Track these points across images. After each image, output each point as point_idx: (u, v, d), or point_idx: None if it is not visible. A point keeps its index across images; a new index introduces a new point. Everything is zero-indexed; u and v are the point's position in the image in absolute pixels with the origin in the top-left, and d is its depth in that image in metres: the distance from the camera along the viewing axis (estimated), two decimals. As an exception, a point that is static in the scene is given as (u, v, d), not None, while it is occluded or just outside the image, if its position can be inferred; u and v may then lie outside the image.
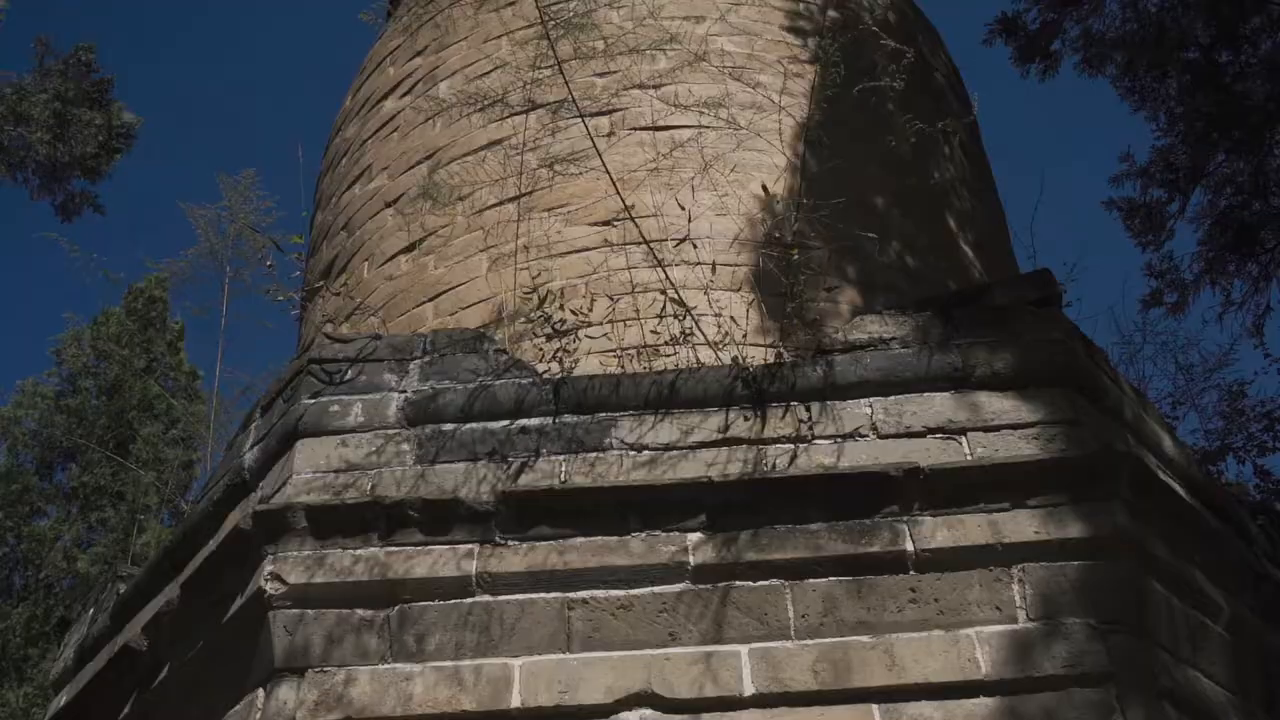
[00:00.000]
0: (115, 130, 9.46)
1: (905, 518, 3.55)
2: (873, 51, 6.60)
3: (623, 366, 4.49)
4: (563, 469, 3.74)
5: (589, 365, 4.60)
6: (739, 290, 5.01)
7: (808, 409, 3.84)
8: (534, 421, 3.88)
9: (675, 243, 5.06)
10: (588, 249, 5.38)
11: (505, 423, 3.88)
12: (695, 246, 5.00)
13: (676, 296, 4.36)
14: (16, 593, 16.39)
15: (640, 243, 4.94)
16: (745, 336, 4.66)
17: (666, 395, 3.89)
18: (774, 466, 3.66)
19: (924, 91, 6.53)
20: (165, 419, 18.35)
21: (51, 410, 18.01)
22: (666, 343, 4.37)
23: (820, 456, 3.71)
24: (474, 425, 3.87)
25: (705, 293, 4.81)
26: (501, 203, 5.71)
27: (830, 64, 5.09)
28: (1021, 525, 3.53)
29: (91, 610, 4.98)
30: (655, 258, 4.72)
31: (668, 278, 4.59)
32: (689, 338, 4.34)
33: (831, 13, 6.57)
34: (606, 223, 5.42)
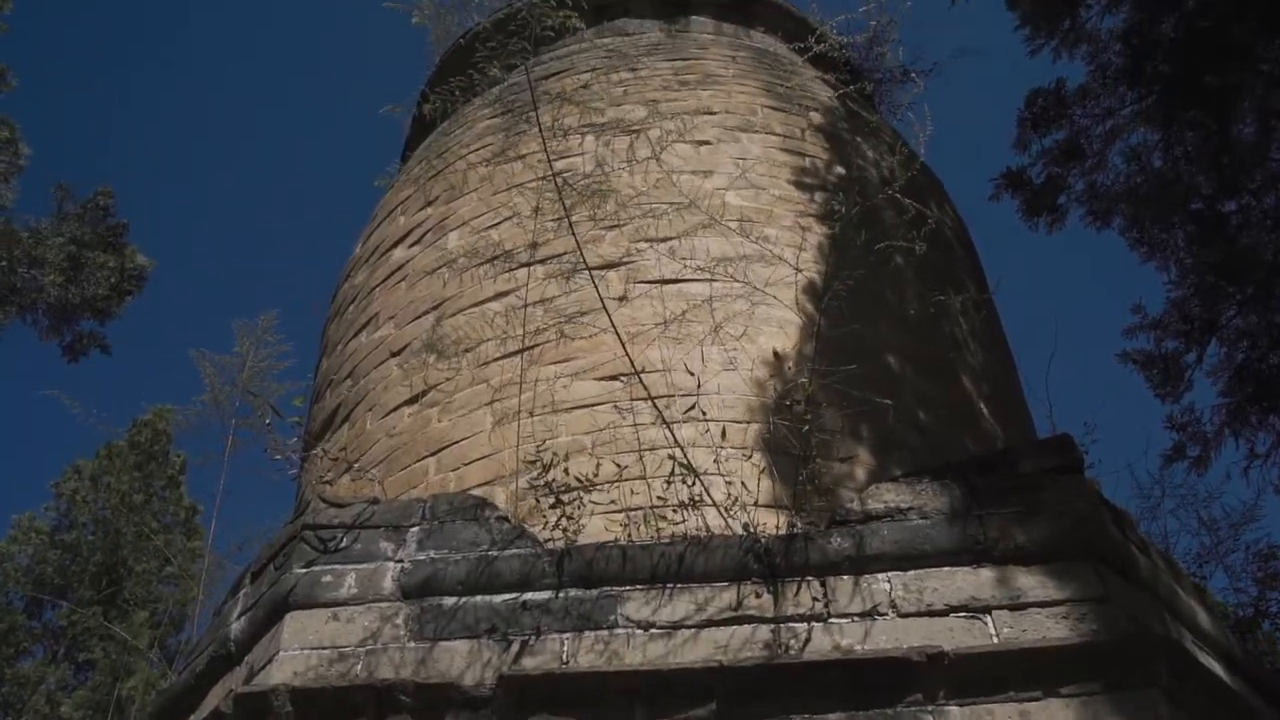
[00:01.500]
0: (128, 273, 9.54)
1: (930, 707, 3.32)
2: (879, 205, 6.67)
3: (629, 531, 4.32)
4: (566, 649, 3.53)
5: (594, 527, 4.43)
6: (749, 451, 4.88)
7: (823, 584, 3.65)
8: (537, 596, 3.69)
9: (684, 401, 4.96)
10: (594, 405, 5.27)
11: (507, 597, 3.69)
12: (704, 405, 4.90)
13: (685, 461, 4.22)
14: (-4, 739, 15.77)
15: (648, 399, 4.84)
16: (756, 501, 4.50)
17: (675, 568, 3.71)
18: (788, 649, 3.45)
19: (932, 245, 6.53)
20: (161, 555, 18.03)
21: (45, 546, 17.71)
22: (675, 507, 4.21)
23: (837, 637, 3.51)
24: (473, 599, 3.68)
25: (714, 453, 4.68)
26: (507, 356, 5.64)
27: (840, 222, 5.10)
28: (1055, 717, 3.29)
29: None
30: (663, 418, 4.60)
31: (676, 440, 4.47)
32: (698, 504, 4.18)
33: (838, 168, 6.65)
34: (614, 378, 5.33)
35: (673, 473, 4.25)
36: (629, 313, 5.50)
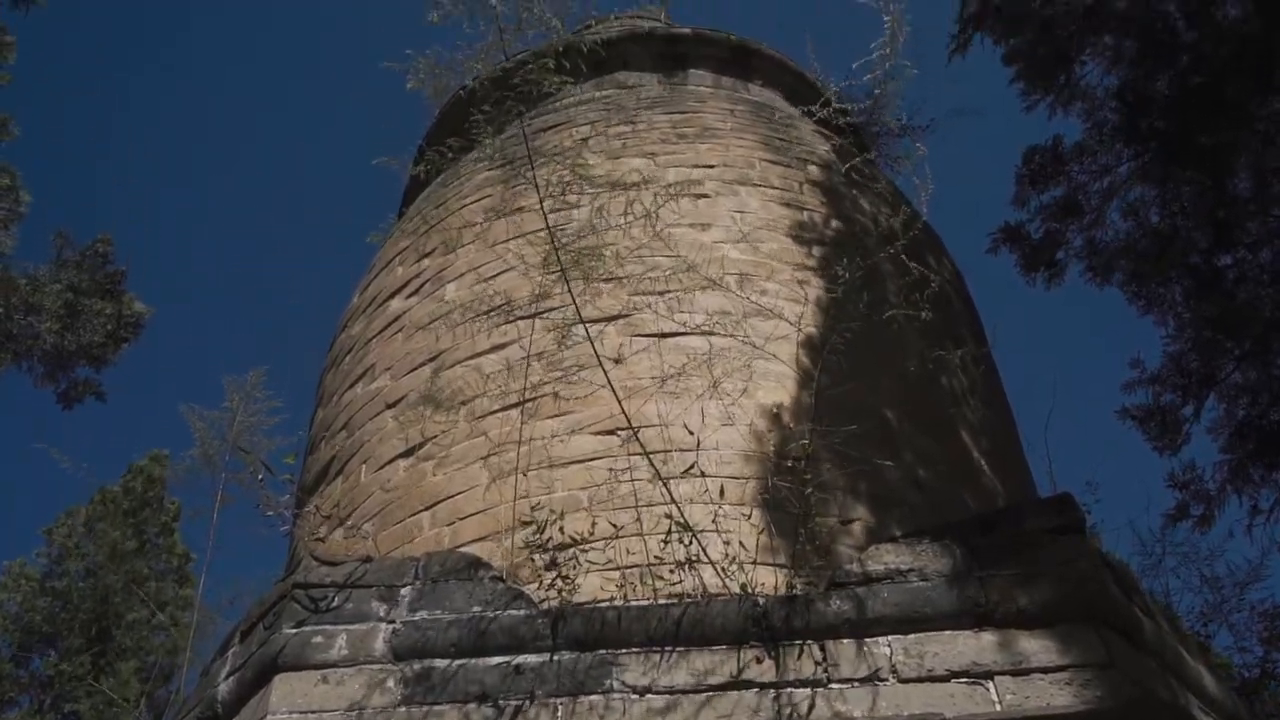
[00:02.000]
0: (125, 320, 9.54)
1: (933, 778, 3.24)
2: (876, 258, 6.68)
3: (625, 590, 4.25)
4: (560, 715, 3.46)
5: (590, 586, 4.37)
6: (747, 508, 4.82)
7: (823, 649, 3.59)
8: (531, 659, 3.62)
9: (681, 457, 4.93)
10: (591, 460, 5.22)
11: (500, 660, 3.62)
12: (702, 461, 4.85)
13: (682, 520, 4.17)
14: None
15: (645, 455, 4.80)
16: (754, 560, 4.45)
17: (673, 631, 3.65)
18: (790, 717, 3.37)
19: (930, 301, 6.54)
20: (152, 603, 17.84)
21: (35, 593, 17.51)
22: (672, 567, 4.15)
23: (838, 705, 3.44)
24: (466, 663, 3.61)
25: (712, 510, 4.64)
26: (504, 409, 5.61)
27: (843, 286, 5.10)
28: (1061, 788, 3.22)
29: None
30: (659, 475, 4.56)
31: (673, 497, 4.42)
32: (695, 563, 4.13)
33: (836, 222, 6.67)
34: (611, 433, 5.29)
35: (669, 531, 4.20)
36: (626, 367, 5.48)
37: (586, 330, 5.19)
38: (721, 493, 4.57)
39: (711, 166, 6.80)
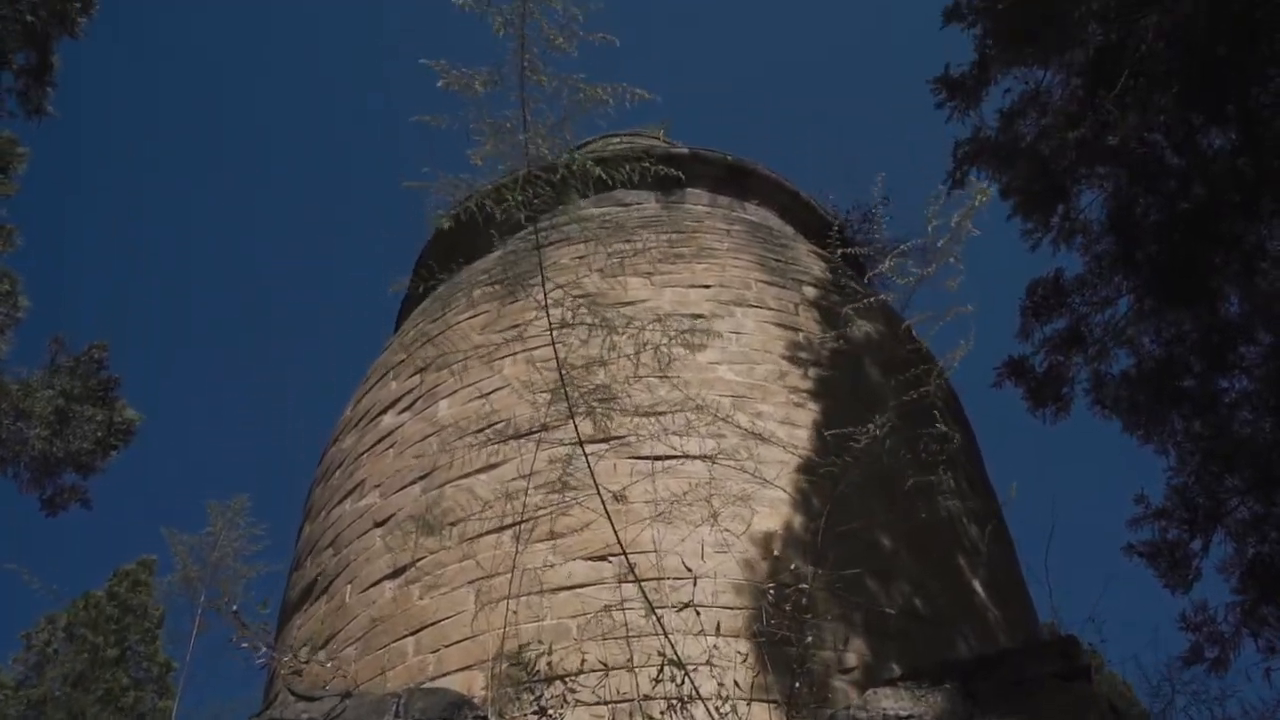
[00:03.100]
0: (115, 427, 9.47)
1: None
2: (872, 378, 6.66)
3: (614, 728, 4.10)
4: None
5: (578, 718, 4.22)
6: (741, 640, 4.69)
7: (819, 802, 3.43)
8: (512, 810, 3.45)
9: (674, 585, 4.82)
10: (582, 587, 5.11)
11: (480, 810, 3.46)
12: (696, 591, 4.74)
13: (675, 656, 4.04)
14: None
15: (637, 582, 4.70)
16: (749, 696, 4.31)
17: (662, 781, 3.49)
18: None
19: (927, 421, 6.49)
20: (131, 714, 17.33)
21: (8, 701, 16.99)
22: (664, 710, 4.01)
23: None
24: (445, 813, 3.45)
25: (704, 642, 4.50)
26: (494, 532, 5.51)
27: (834, 400, 5.08)
28: None
29: None
30: (651, 606, 4.44)
31: (664, 631, 4.30)
32: (687, 702, 3.99)
33: (831, 343, 6.66)
34: (602, 558, 5.19)
35: (661, 669, 4.07)
36: (619, 491, 5.39)
37: (582, 451, 5.13)
38: (718, 628, 4.45)
39: (708, 287, 6.83)
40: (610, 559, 5.12)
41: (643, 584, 4.58)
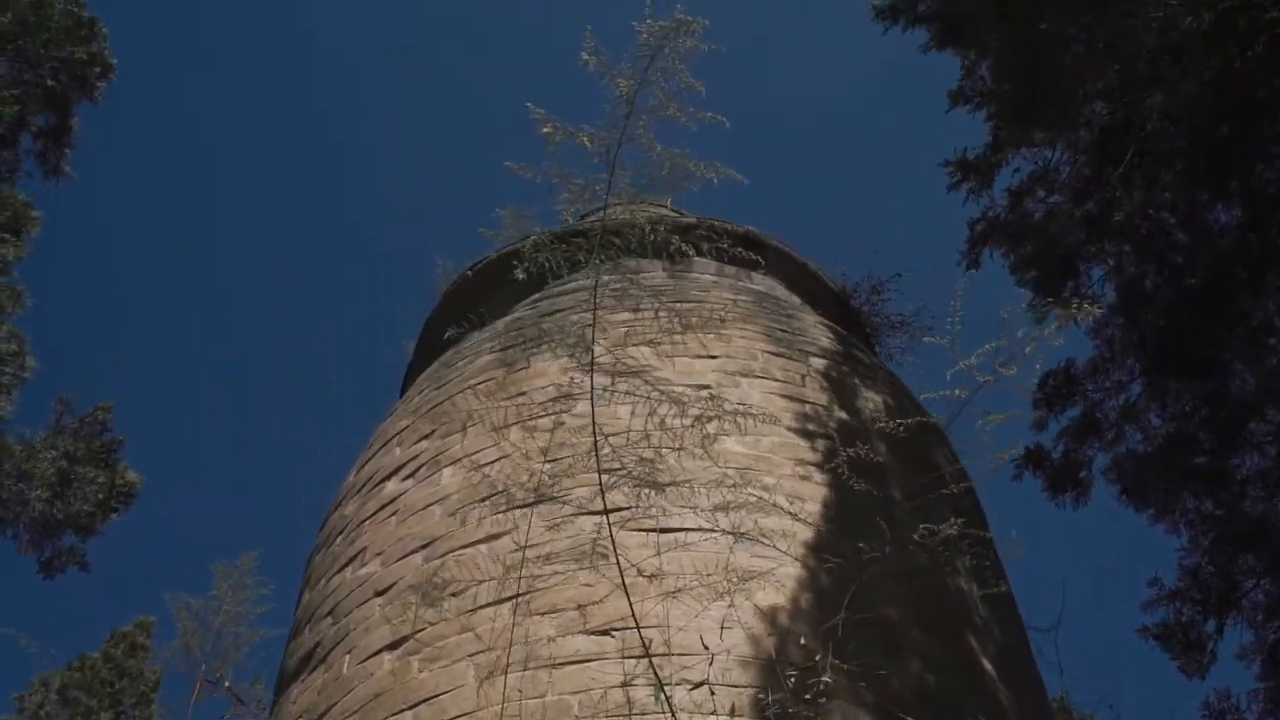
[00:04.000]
0: (116, 489, 9.43)
1: None
2: (880, 452, 6.61)
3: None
4: None
5: (579, 801, 4.11)
6: (746, 719, 4.59)
7: None
8: None
9: (679, 660, 4.74)
10: (585, 660, 5.01)
11: None
12: (699, 667, 4.66)
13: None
14: None
15: (640, 656, 4.63)
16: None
17: None
18: None
19: (937, 496, 6.44)
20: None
21: (-7, 766, 16.68)
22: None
23: None
24: None
25: (712, 719, 4.42)
26: (497, 603, 5.43)
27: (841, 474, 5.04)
28: None
29: None
30: (658, 680, 4.37)
31: (670, 706, 4.22)
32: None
33: (838, 414, 6.64)
34: (605, 632, 5.10)
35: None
36: (624, 562, 5.32)
37: (586, 522, 5.10)
38: (731, 710, 4.37)
39: (714, 357, 6.82)
40: (613, 633, 5.04)
41: (650, 658, 4.50)
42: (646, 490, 5.75)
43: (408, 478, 6.79)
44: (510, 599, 5.38)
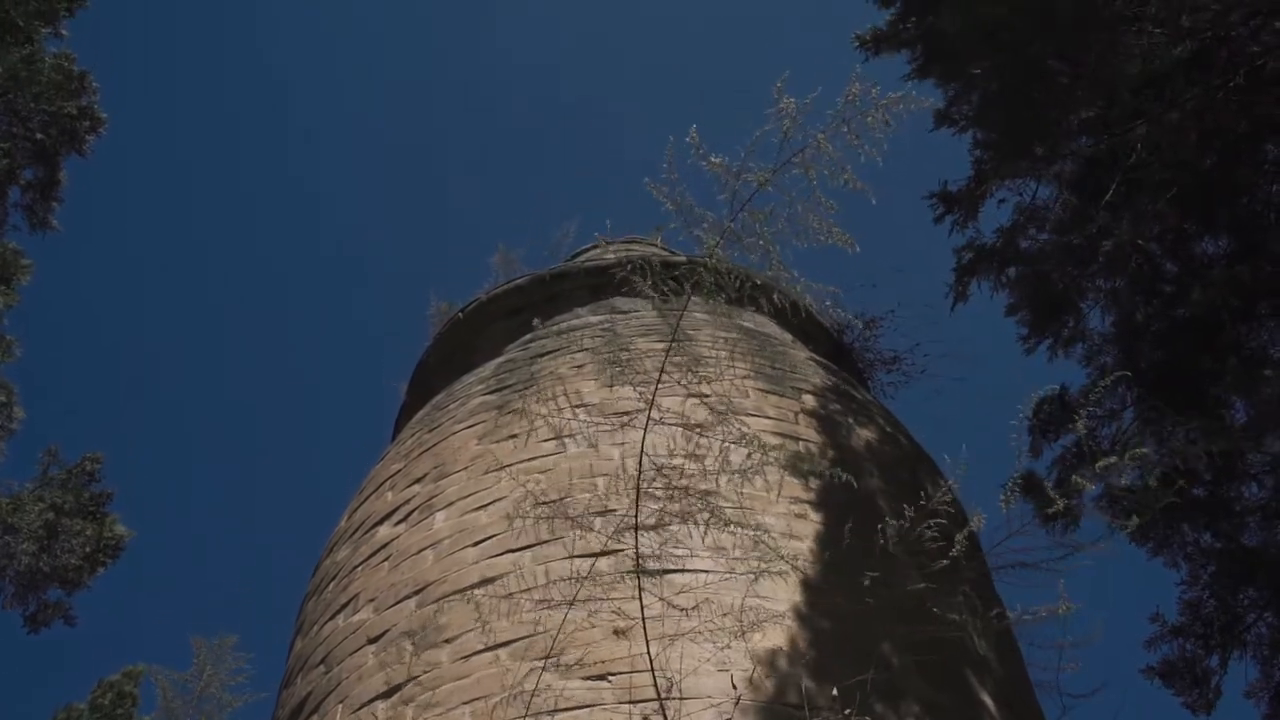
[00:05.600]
0: (104, 542, 9.31)
1: None
2: (873, 488, 6.56)
3: None
4: None
5: None
6: (746, 764, 4.51)
7: None
8: None
9: (675, 705, 4.65)
10: (580, 707, 4.93)
11: None
12: (695, 710, 4.58)
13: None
14: None
15: (639, 701, 4.56)
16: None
17: None
18: None
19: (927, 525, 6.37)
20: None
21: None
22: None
23: None
24: None
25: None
26: (490, 649, 5.34)
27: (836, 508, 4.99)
28: None
29: None
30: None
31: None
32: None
33: (831, 452, 6.60)
34: (601, 676, 5.02)
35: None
36: (618, 605, 5.25)
37: (579, 565, 5.03)
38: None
39: (706, 396, 6.77)
40: (609, 678, 4.96)
41: (643, 704, 4.43)
42: (640, 533, 5.69)
43: (400, 522, 6.72)
44: (505, 644, 5.30)
